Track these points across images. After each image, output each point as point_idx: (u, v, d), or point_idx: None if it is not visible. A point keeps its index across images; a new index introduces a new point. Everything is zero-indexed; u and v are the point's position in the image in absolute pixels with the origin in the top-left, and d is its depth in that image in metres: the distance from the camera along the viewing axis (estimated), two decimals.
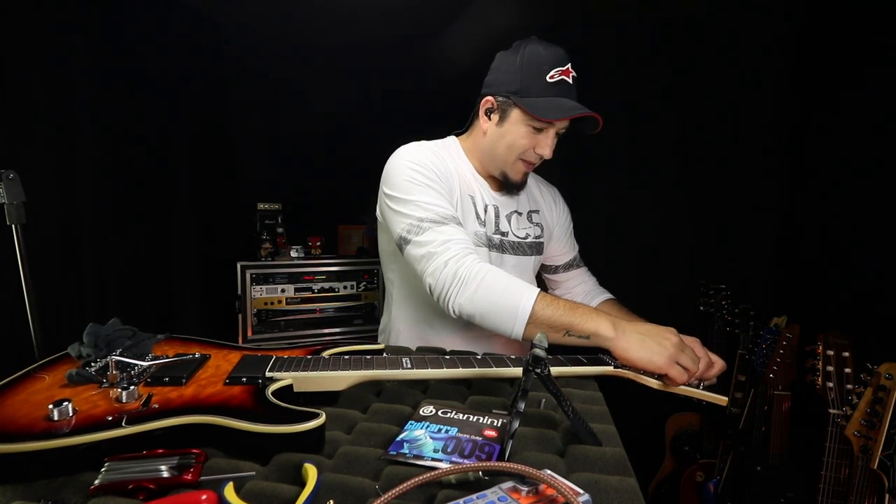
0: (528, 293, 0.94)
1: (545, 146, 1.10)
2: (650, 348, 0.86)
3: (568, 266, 1.37)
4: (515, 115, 1.09)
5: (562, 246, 1.36)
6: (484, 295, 0.96)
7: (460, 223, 1.08)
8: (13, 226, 1.07)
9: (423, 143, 1.19)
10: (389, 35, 2.30)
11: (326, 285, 2.25)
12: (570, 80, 1.07)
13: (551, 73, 1.05)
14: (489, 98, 1.13)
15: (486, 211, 1.19)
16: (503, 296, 0.95)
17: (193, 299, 2.16)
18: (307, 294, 2.23)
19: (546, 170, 1.41)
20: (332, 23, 2.19)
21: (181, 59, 2.05)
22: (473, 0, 2.02)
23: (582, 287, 1.36)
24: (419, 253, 1.03)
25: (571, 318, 0.92)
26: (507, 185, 1.20)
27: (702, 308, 1.87)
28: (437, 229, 1.02)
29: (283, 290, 2.19)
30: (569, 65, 1.07)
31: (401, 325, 1.26)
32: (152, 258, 1.95)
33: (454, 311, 1.00)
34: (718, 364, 0.92)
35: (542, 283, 1.42)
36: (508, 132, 1.11)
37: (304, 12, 2.09)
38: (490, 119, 1.14)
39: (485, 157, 1.18)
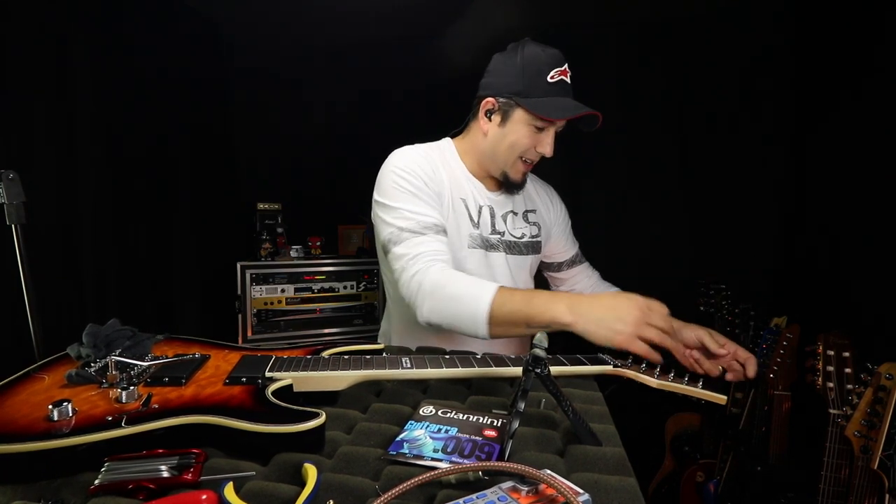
0: (484, 295, 0.94)
1: (546, 144, 1.11)
2: (609, 327, 0.85)
3: (571, 263, 1.37)
4: (518, 115, 1.10)
5: (562, 244, 1.36)
6: (443, 303, 0.98)
7: (442, 230, 1.09)
8: (13, 226, 1.07)
9: (417, 146, 1.20)
10: (390, 35, 2.30)
11: (326, 285, 2.25)
12: (568, 80, 1.10)
13: (551, 73, 1.07)
14: (489, 99, 1.13)
15: (480, 212, 1.19)
16: (460, 301, 0.96)
17: (193, 299, 2.16)
18: (307, 294, 2.22)
19: (546, 169, 1.41)
20: (332, 22, 2.19)
21: (181, 58, 2.05)
22: (474, 1, 2.02)
23: (586, 282, 1.37)
24: (396, 265, 1.06)
25: (528, 310, 0.92)
26: (507, 185, 1.20)
27: (702, 308, 1.86)
28: (413, 241, 1.05)
29: (283, 290, 2.18)
30: (566, 65, 1.10)
31: (401, 327, 1.26)
32: (152, 258, 1.94)
33: (424, 322, 1.02)
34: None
35: (544, 282, 1.42)
36: (511, 132, 1.12)
37: (305, 12, 2.09)
38: (491, 120, 1.15)
39: (485, 158, 1.19)
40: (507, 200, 1.25)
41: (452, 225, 1.15)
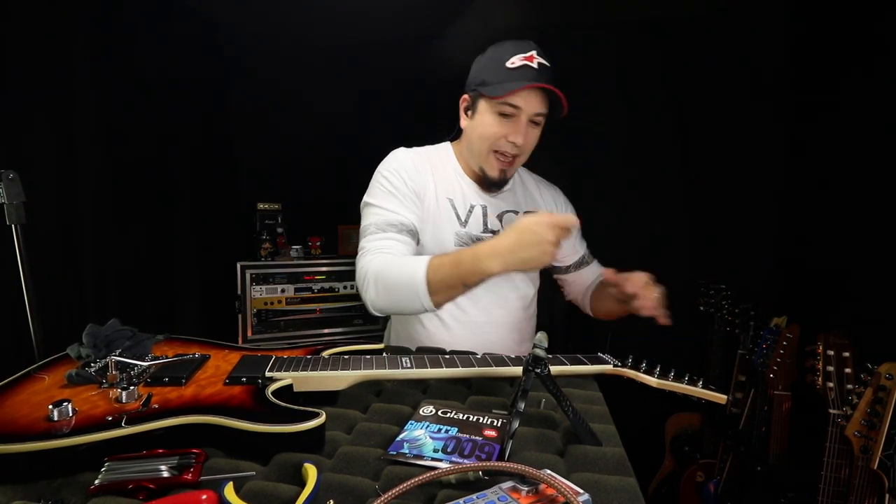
0: (419, 267, 0.97)
1: (517, 133, 1.10)
2: (538, 261, 0.89)
3: (578, 265, 1.37)
4: (482, 105, 1.13)
5: (568, 247, 1.35)
6: (384, 285, 1.01)
7: (406, 230, 1.11)
8: (13, 226, 1.07)
9: (414, 148, 1.22)
10: (390, 35, 2.30)
11: (326, 285, 2.25)
12: (535, 66, 1.07)
13: (512, 59, 1.08)
14: (464, 96, 1.18)
15: (470, 211, 1.20)
16: (399, 279, 1.00)
17: (193, 299, 2.16)
18: (307, 294, 2.22)
19: (545, 169, 1.41)
20: (332, 23, 2.19)
21: (181, 58, 2.05)
22: (474, 1, 2.02)
23: (591, 279, 1.37)
24: (357, 257, 1.11)
25: (459, 272, 0.95)
26: (486, 183, 1.21)
27: (702, 308, 1.87)
28: (375, 236, 1.09)
29: (282, 290, 2.18)
30: (533, 52, 1.08)
31: (398, 323, 1.28)
32: (152, 258, 1.94)
33: (372, 310, 1.06)
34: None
35: (551, 284, 1.43)
36: (479, 123, 1.14)
37: (305, 12, 2.09)
38: (467, 116, 1.18)
39: (467, 154, 1.21)
40: (504, 201, 1.25)
41: (436, 223, 1.17)
